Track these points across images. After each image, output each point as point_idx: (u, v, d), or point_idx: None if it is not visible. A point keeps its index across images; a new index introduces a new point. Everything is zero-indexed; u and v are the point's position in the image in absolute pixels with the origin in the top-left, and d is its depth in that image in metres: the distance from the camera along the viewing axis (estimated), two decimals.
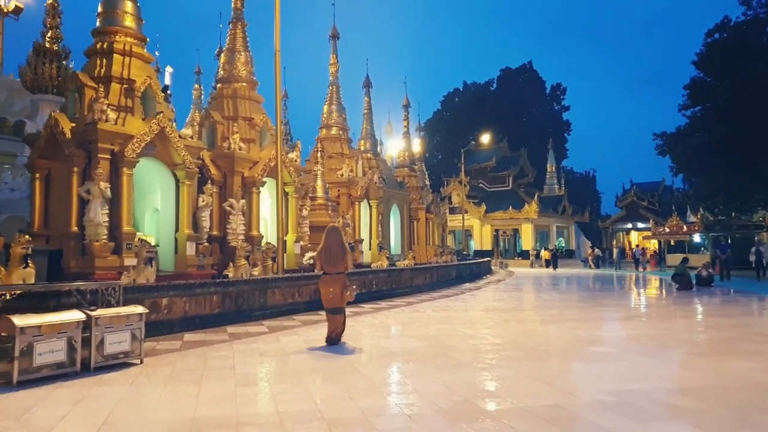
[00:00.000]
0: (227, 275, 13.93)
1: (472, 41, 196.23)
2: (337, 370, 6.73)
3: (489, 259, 40.39)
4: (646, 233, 60.83)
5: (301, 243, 18.78)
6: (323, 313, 12.59)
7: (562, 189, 65.71)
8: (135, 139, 13.39)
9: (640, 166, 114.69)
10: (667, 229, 49.73)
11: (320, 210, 21.55)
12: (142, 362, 7.04)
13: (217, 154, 16.88)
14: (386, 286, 16.74)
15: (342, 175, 24.91)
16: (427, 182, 39.04)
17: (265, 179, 17.28)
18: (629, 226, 66.58)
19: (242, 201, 16.52)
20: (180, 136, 15.02)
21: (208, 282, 10.35)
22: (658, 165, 68.02)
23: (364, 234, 25.52)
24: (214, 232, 16.35)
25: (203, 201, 15.35)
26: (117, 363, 6.80)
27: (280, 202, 14.57)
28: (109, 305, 7.35)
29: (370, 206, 26.33)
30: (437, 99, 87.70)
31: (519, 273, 35.72)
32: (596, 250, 50.05)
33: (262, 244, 16.64)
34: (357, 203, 25.17)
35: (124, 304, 8.09)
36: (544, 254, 44.74)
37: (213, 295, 10.46)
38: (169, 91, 39.25)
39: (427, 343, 8.63)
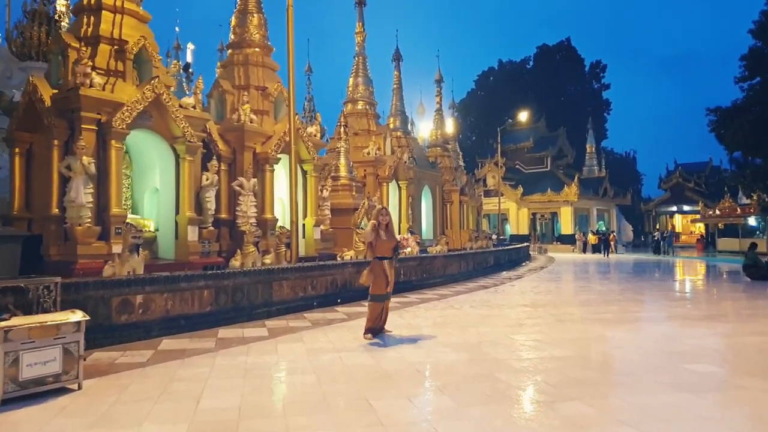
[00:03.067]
0: (221, 265, 12.10)
1: (507, 17, 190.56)
2: (341, 406, 4.78)
3: (527, 244, 38.00)
4: (692, 216, 57.64)
5: (322, 227, 16.89)
6: (339, 309, 10.76)
7: (602, 170, 62.77)
8: (125, 108, 11.58)
9: (682, 146, 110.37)
10: (718, 212, 46.68)
11: (343, 191, 19.59)
12: (80, 387, 5.20)
13: (226, 127, 15.04)
14: (416, 275, 14.77)
15: (368, 153, 22.89)
16: (461, 163, 36.77)
17: (279, 155, 15.36)
18: (674, 208, 63.18)
19: (253, 180, 14.67)
20: (181, 106, 13.20)
21: (196, 274, 8.49)
22: (702, 145, 64.52)
23: (393, 217, 23.51)
24: (223, 215, 14.57)
25: (207, 179, 13.55)
26: (43, 391, 4.96)
27: (294, 180, 12.64)
28: (45, 310, 5.55)
29: (399, 187, 24.31)
30: (471, 78, 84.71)
31: (560, 259, 33.38)
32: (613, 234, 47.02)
33: (276, 229, 14.83)
34: (385, 184, 23.16)
35: (81, 306, 6.31)
36: (591, 239, 41.90)
37: (203, 289, 8.60)
38: (191, 69, 37.54)
39: (466, 357, 6.64)
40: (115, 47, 12.32)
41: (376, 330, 7.90)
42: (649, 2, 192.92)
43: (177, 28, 35.63)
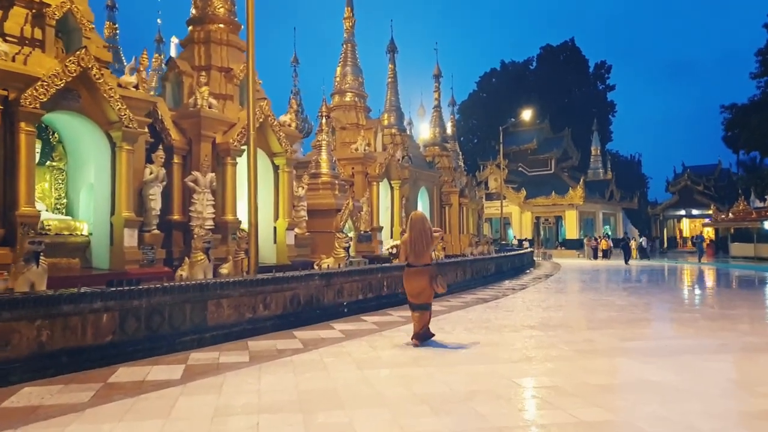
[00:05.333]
0: (168, 275, 9.91)
1: (509, 17, 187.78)
2: None
3: (531, 249, 35.66)
4: (701, 220, 55.36)
5: (297, 231, 14.68)
6: (298, 334, 8.52)
7: (608, 173, 60.75)
8: (40, 83, 9.43)
9: (688, 149, 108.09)
10: (731, 215, 44.32)
11: (324, 190, 17.39)
12: None
13: (181, 113, 12.92)
14: (402, 288, 12.52)
15: (356, 149, 20.69)
16: (461, 163, 34.54)
17: (244, 147, 13.14)
18: (682, 212, 60.89)
19: (211, 175, 12.52)
20: (120, 85, 11.06)
21: (88, 293, 6.25)
22: (709, 148, 62.27)
23: (384, 220, 21.31)
24: (175, 217, 12.45)
25: (151, 173, 11.41)
26: None
27: (253, 171, 10.37)
28: None
29: (392, 187, 22.11)
30: (473, 80, 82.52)
31: (566, 265, 31.10)
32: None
33: (238, 232, 12.63)
34: (375, 183, 20.95)
35: None
36: (602, 244, 39.39)
37: (101, 313, 6.37)
38: None
39: (449, 423, 4.39)
40: (33, 11, 10.17)
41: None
42: (654, 2, 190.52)
43: (159, 20, 33.44)
